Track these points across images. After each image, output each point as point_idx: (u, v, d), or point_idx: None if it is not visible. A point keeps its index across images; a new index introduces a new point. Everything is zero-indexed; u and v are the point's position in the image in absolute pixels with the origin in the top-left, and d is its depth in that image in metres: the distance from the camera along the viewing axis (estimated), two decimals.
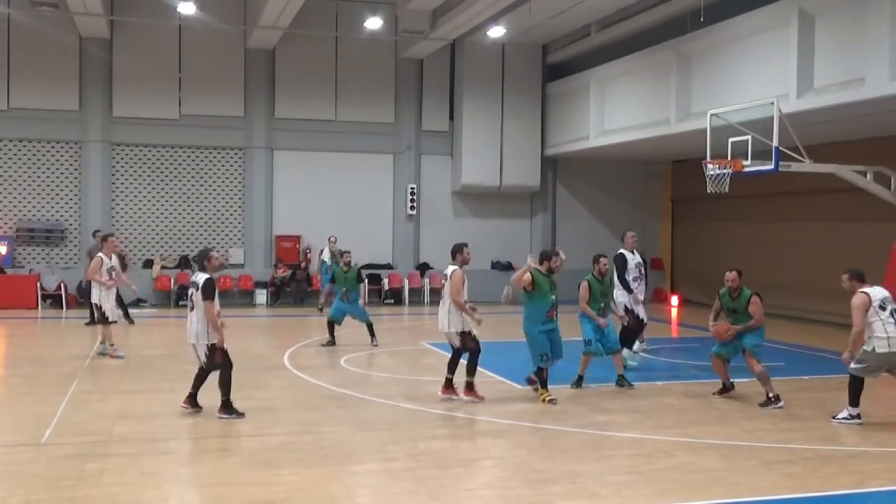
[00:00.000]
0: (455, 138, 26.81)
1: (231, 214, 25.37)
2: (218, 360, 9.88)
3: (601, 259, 12.36)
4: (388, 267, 26.45)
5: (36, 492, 7.19)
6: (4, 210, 23.80)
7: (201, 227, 25.08)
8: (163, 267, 24.38)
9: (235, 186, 25.38)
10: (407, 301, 25.79)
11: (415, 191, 26.48)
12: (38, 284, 22.77)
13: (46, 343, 17.63)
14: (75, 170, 24.18)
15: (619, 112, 23.15)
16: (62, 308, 22.62)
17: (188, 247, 24.83)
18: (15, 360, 15.09)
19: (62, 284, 23.03)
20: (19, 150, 23.85)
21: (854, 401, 10.03)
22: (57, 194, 24.12)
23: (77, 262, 23.50)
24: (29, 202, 23.95)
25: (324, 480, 7.71)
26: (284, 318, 22.11)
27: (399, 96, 26.52)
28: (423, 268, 26.57)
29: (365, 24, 23.34)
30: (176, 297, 23.84)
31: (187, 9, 21.51)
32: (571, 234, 26.94)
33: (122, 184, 24.55)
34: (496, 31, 23.74)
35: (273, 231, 25.44)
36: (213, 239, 25.12)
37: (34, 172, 23.96)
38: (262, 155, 25.34)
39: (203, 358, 9.94)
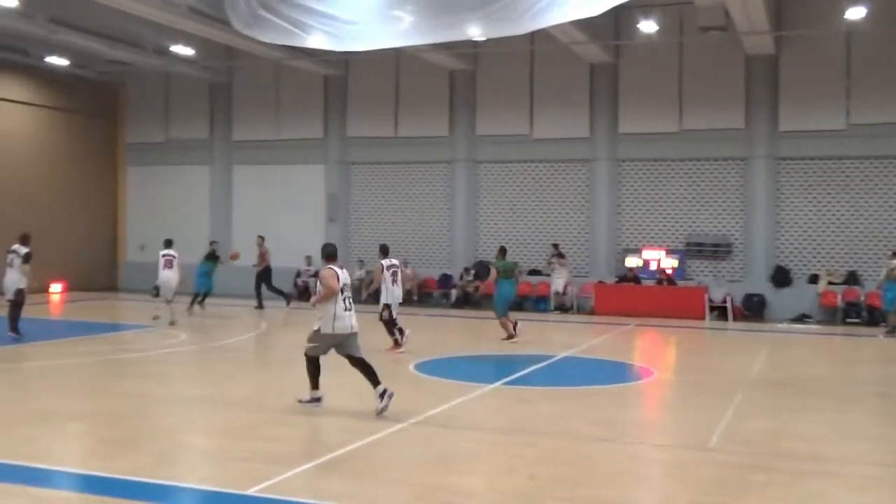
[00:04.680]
0: None
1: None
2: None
3: None
4: None
5: (700, 494, 7.49)
6: (676, 225, 25.43)
7: (870, 240, 23.67)
8: (829, 283, 23.60)
9: None
10: None
11: None
12: (706, 296, 23.75)
13: (713, 352, 18.34)
14: (741, 185, 24.79)
15: None
16: (727, 319, 23.27)
17: (856, 262, 23.66)
18: (683, 367, 15.99)
19: (728, 297, 23.71)
20: (689, 168, 25.28)
21: (314, 383, 10.41)
22: (723, 210, 24.99)
23: (742, 276, 24.03)
24: (697, 217, 25.24)
25: None
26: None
27: None
28: None
29: None
30: (842, 314, 22.89)
31: (856, 14, 20.58)
32: None
33: (787, 198, 24.42)
34: None
35: None
36: (884, 252, 23.57)
37: (702, 189, 25.17)
38: None
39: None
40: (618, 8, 15.65)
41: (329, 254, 10.77)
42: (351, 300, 10.48)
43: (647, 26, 22.35)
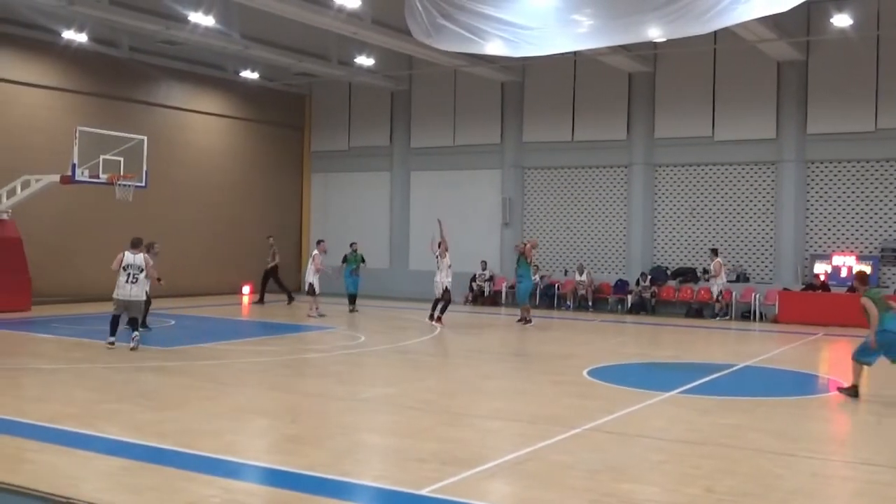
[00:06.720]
0: None
1: None
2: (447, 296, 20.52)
3: None
4: None
5: None
6: (869, 230, 23.98)
7: None
8: None
9: None
10: None
11: None
12: None
13: None
14: None
15: None
16: None
17: None
18: (877, 380, 15.01)
19: None
20: (885, 169, 23.79)
21: (111, 332, 14.90)
22: None
23: None
24: (894, 221, 23.70)
25: None
26: None
27: None
28: None
29: None
30: None
31: None
32: None
33: None
34: None
35: None
36: None
37: None
38: None
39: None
40: (809, 2, 15.00)
41: (132, 244, 14.94)
42: (135, 276, 14.60)
43: (841, 20, 21.40)
